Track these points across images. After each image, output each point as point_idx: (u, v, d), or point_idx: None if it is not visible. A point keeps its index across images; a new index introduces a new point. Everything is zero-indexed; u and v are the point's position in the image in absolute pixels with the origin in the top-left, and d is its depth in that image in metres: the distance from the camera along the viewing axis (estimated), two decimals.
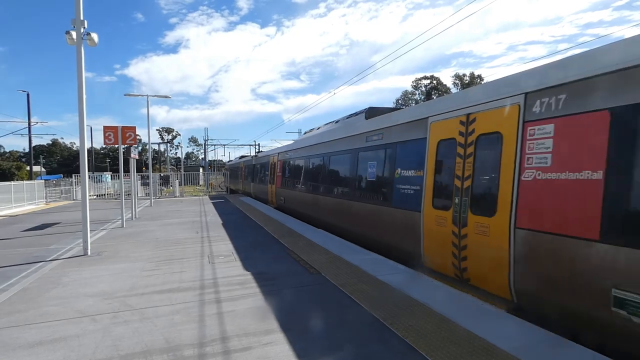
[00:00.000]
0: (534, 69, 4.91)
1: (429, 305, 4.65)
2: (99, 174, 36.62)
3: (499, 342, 3.62)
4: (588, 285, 3.75)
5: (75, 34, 7.87)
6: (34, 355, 3.58)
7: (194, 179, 34.40)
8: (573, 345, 3.59)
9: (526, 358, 3.32)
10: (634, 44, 3.73)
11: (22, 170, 52.64)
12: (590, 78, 3.94)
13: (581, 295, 3.83)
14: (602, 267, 3.60)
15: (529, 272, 4.42)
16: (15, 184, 20.75)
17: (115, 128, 12.23)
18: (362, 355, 3.52)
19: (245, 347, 3.67)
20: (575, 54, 4.55)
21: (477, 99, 5.53)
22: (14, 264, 7.23)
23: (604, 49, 4.05)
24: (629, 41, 3.85)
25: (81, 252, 8.07)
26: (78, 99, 7.90)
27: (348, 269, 6.45)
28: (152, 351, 3.61)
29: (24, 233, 11.39)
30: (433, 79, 66.27)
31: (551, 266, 4.13)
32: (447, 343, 3.67)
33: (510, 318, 4.27)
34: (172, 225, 12.38)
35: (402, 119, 7.66)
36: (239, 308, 4.74)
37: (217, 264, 6.98)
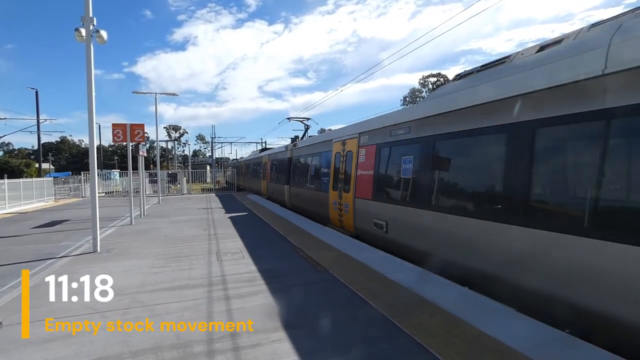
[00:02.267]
0: (364, 121, 10.35)
1: (437, 303, 4.63)
2: (107, 172, 36.87)
3: (509, 341, 3.58)
4: (369, 218, 8.95)
5: (85, 31, 7.91)
6: (45, 351, 3.62)
7: (201, 176, 34.51)
8: (584, 344, 3.55)
9: (537, 357, 3.28)
10: (382, 119, 9.29)
11: (31, 168, 53.16)
12: (369, 131, 9.53)
13: (368, 223, 9.00)
14: (372, 211, 8.80)
15: (359, 217, 9.59)
16: (25, 181, 20.99)
17: (124, 125, 12.31)
18: (371, 353, 3.51)
19: (254, 344, 3.68)
20: (370, 119, 10.25)
21: (348, 133, 10.97)
22: (25, 261, 7.31)
23: (379, 119, 9.58)
24: (383, 116, 9.48)
25: (91, 249, 8.14)
26: (87, 96, 7.94)
27: (355, 266, 6.44)
28: (162, 347, 3.63)
29: (34, 230, 11.52)
30: (440, 76, 65.97)
31: (363, 212, 9.39)
32: (456, 341, 3.64)
33: (520, 317, 4.23)
34: (180, 223, 12.46)
35: (321, 139, 14.10)
36: (247, 305, 4.75)
37: (225, 261, 7.01)
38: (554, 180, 4.76)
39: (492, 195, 5.49)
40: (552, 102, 4.59)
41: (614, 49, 3.94)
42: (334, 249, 7.83)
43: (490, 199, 5.48)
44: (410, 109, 10.21)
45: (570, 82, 4.34)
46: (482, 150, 5.87)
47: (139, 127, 12.48)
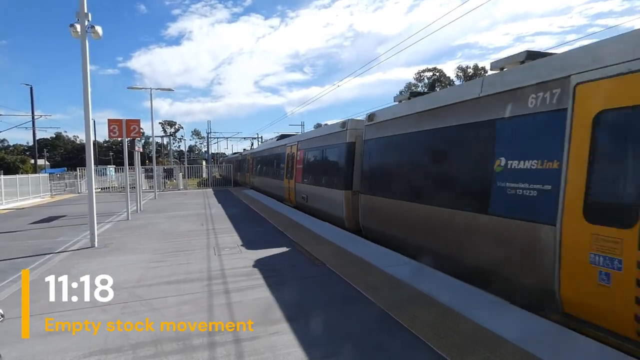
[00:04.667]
0: (305, 133, 21.22)
1: (433, 296, 4.70)
2: (102, 167, 36.68)
3: (504, 333, 3.66)
4: (300, 194, 14.94)
5: (80, 27, 7.88)
6: (46, 345, 3.66)
7: (197, 171, 34.48)
8: (578, 336, 3.63)
9: (530, 348, 3.36)
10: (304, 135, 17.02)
11: (26, 164, 52.86)
12: (301, 141, 15.97)
13: (299, 197, 14.97)
14: (301, 190, 14.88)
15: (298, 196, 15.16)
16: (21, 177, 20.91)
17: (119, 121, 12.26)
18: (367, 345, 3.58)
19: (253, 336, 3.74)
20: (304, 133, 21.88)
21: (290, 142, 17.51)
22: (24, 256, 7.33)
23: (307, 134, 17.35)
24: (306, 133, 19.36)
25: (88, 244, 8.16)
26: (83, 92, 7.92)
27: (352, 260, 6.50)
28: (161, 340, 3.68)
29: (32, 226, 11.52)
30: (436, 71, 65.81)
31: (302, 193, 14.62)
32: (452, 333, 3.72)
33: (515, 309, 4.31)
34: (177, 218, 12.48)
35: (282, 143, 19.25)
36: (246, 299, 4.81)
37: (223, 256, 7.06)
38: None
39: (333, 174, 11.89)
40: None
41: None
42: (331, 243, 7.89)
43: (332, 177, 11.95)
44: (307, 133, 18.99)
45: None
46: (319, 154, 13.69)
47: (135, 122, 12.44)
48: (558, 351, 3.36)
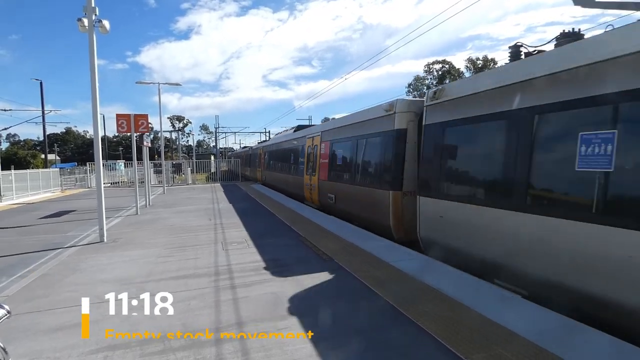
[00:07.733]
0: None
1: (442, 291, 4.63)
2: (112, 162, 36.95)
3: (515, 328, 3.58)
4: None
5: (87, 21, 7.86)
6: (55, 340, 3.67)
7: (205, 166, 34.58)
8: (590, 330, 3.55)
9: (542, 343, 3.28)
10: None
11: (37, 159, 53.52)
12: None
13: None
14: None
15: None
16: (32, 172, 21.16)
17: (127, 116, 12.29)
18: (376, 340, 3.53)
19: (261, 332, 3.70)
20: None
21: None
22: (34, 251, 7.40)
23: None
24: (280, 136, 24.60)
25: (97, 239, 8.22)
26: (91, 87, 7.92)
27: (361, 255, 6.44)
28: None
29: (42, 220, 11.64)
30: (445, 63, 64.99)
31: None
32: (461, 328, 3.65)
33: (526, 304, 4.23)
34: (185, 213, 12.53)
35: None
36: (253, 294, 4.78)
37: (230, 251, 7.05)
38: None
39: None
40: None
41: None
42: (339, 238, 7.83)
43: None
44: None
45: None
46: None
47: (143, 117, 12.46)
48: (570, 346, 3.27)
